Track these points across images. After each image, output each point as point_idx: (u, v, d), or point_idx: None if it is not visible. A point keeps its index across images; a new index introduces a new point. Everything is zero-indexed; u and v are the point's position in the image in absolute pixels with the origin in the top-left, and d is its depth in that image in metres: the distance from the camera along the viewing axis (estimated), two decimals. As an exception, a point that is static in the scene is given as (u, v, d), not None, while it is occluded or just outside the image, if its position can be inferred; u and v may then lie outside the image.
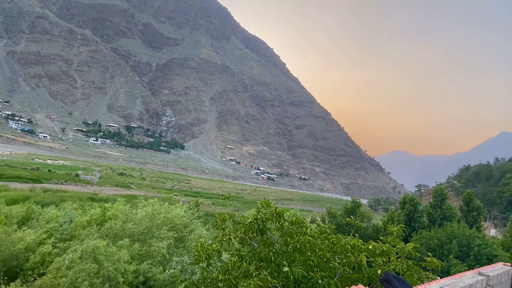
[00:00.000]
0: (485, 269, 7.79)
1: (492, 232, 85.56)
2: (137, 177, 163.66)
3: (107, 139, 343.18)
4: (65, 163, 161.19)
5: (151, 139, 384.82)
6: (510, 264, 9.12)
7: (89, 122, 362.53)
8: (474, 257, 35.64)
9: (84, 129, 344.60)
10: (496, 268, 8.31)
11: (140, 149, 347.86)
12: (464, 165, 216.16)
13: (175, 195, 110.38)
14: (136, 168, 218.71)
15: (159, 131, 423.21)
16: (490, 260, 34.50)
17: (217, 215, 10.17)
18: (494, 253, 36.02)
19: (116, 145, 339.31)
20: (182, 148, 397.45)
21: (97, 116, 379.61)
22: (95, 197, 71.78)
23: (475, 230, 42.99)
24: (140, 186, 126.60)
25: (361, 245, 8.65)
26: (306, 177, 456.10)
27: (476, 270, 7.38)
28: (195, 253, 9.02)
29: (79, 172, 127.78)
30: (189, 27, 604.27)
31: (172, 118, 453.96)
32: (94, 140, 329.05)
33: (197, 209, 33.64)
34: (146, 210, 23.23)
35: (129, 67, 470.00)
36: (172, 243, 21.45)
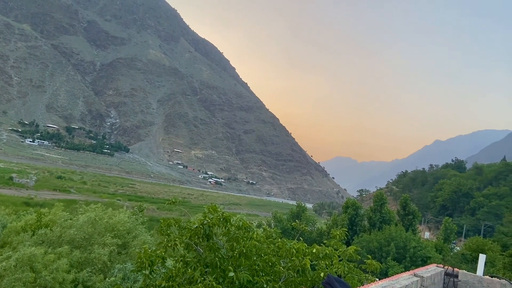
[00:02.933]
0: (420, 271, 8.23)
1: (427, 235, 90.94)
2: (77, 180, 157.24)
3: (45, 140, 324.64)
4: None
5: (93, 141, 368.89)
6: (442, 266, 9.69)
7: (26, 122, 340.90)
8: (410, 258, 37.73)
9: (20, 130, 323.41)
10: (430, 270, 8.81)
11: (81, 151, 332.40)
12: (402, 171, 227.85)
13: (118, 199, 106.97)
14: (77, 172, 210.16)
15: (102, 133, 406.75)
16: (424, 261, 36.69)
17: (162, 220, 9.90)
18: (428, 254, 38.37)
19: (55, 147, 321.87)
20: (127, 151, 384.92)
21: (35, 116, 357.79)
22: (31, 202, 68.23)
23: (411, 233, 45.58)
24: (80, 190, 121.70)
25: (306, 248, 8.86)
26: (254, 182, 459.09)
27: (411, 272, 7.78)
28: (138, 260, 8.73)
29: (13, 175, 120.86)
30: (136, 26, 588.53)
31: (117, 120, 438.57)
32: (30, 141, 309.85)
33: (141, 214, 32.73)
34: (89, 215, 22.27)
35: (71, 66, 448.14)
36: (115, 249, 20.72)
